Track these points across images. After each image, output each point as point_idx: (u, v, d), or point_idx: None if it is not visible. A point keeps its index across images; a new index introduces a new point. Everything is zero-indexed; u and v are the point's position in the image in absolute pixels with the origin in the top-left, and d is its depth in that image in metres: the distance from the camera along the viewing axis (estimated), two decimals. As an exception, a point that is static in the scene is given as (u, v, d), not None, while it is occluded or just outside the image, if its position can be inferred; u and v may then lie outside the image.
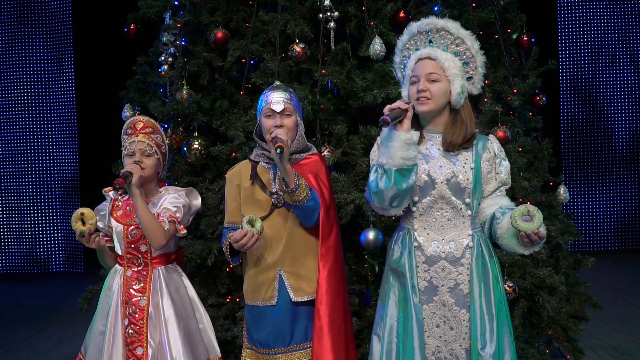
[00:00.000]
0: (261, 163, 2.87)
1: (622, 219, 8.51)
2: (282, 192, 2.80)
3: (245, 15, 3.75)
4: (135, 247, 2.84)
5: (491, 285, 2.49)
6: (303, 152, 2.88)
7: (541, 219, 2.33)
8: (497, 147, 2.57)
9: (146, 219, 2.72)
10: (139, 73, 4.07)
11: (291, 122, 2.80)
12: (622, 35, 8.42)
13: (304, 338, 2.79)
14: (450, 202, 2.50)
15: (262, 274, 2.82)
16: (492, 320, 2.45)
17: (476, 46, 2.54)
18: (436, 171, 2.51)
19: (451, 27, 2.52)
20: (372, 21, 3.57)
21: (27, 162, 8.29)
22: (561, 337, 3.60)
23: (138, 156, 2.81)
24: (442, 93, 2.50)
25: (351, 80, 3.44)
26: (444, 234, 2.52)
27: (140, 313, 2.79)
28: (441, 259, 2.51)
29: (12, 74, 8.28)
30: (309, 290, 2.78)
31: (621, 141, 8.49)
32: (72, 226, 2.75)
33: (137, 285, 2.83)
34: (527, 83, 3.88)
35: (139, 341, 2.77)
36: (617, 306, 5.74)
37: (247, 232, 2.66)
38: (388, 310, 2.57)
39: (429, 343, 2.51)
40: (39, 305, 6.56)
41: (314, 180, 2.79)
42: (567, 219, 3.98)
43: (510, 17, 3.99)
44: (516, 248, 2.46)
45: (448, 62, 2.49)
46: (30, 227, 8.29)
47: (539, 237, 2.35)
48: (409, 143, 2.41)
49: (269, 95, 2.84)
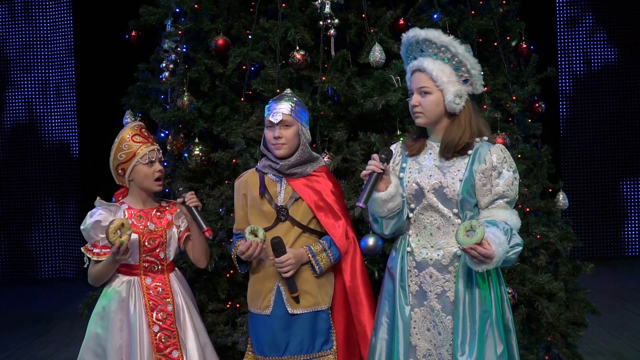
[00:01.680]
0: (269, 174, 2.89)
1: (621, 226, 8.52)
2: (286, 206, 2.83)
3: (246, 22, 3.77)
4: (154, 255, 2.86)
5: (477, 295, 2.46)
6: (309, 163, 2.89)
7: (480, 235, 2.26)
8: (497, 158, 2.50)
9: (201, 243, 2.89)
10: (140, 80, 4.08)
11: (290, 133, 2.81)
12: (620, 42, 8.45)
13: (298, 350, 2.80)
14: (439, 210, 2.52)
15: (261, 283, 2.86)
16: (474, 330, 2.43)
17: (461, 50, 2.49)
18: (424, 180, 2.54)
19: (432, 37, 2.50)
20: (372, 28, 3.59)
21: (27, 168, 8.30)
22: (560, 343, 3.60)
23: (158, 164, 2.84)
24: (434, 105, 2.52)
25: (351, 87, 3.46)
26: (433, 241, 2.55)
27: (169, 318, 2.83)
28: (429, 266, 2.54)
29: (14, 80, 8.30)
30: (306, 303, 2.81)
31: (620, 148, 8.50)
32: (110, 238, 2.61)
33: (161, 292, 2.84)
34: (526, 90, 3.89)
35: (173, 345, 2.81)
36: (616, 313, 5.75)
37: (251, 243, 2.71)
38: (383, 308, 2.63)
39: (420, 345, 2.55)
40: (38, 311, 6.56)
41: (332, 202, 2.85)
42: (566, 225, 3.99)
43: (510, 24, 4.00)
44: (468, 263, 2.39)
45: (436, 71, 2.49)
46: (30, 233, 8.29)
47: (479, 253, 2.27)
48: (389, 199, 2.49)
49: (270, 106, 2.87)
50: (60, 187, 8.31)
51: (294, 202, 2.84)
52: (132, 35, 4.14)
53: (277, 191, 2.86)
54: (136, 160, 2.81)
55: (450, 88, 2.49)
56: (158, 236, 2.86)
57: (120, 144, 2.83)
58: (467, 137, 2.51)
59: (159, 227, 2.87)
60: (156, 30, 4.07)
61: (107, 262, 2.75)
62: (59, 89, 8.28)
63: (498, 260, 2.32)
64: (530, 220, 3.65)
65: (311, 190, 2.84)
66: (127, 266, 2.84)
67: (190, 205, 2.84)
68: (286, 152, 2.84)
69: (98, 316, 2.83)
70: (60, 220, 8.32)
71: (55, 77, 8.28)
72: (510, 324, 2.58)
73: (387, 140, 3.42)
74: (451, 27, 3.62)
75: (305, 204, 2.83)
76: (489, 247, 2.29)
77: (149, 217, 2.85)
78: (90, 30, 7.84)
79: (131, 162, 2.81)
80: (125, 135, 2.85)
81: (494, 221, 2.44)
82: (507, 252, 2.37)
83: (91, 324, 2.84)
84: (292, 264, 2.74)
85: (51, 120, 8.30)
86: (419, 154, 2.62)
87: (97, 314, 2.84)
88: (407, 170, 2.61)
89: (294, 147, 2.83)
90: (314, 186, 2.85)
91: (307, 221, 2.85)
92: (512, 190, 2.51)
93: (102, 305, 2.83)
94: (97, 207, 2.83)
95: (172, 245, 2.91)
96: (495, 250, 2.30)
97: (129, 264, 2.84)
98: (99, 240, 2.78)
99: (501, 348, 2.45)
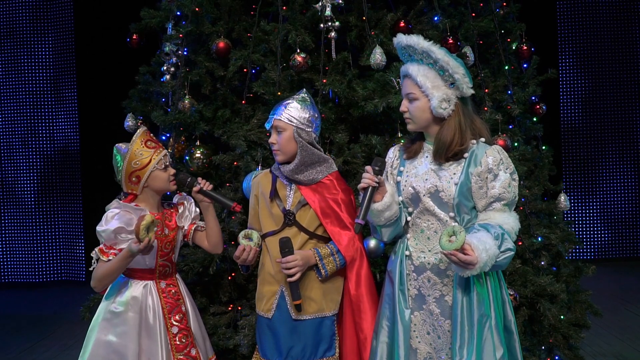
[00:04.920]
0: (280, 178, 2.89)
1: (623, 227, 8.51)
2: (293, 211, 2.83)
3: (246, 25, 3.77)
4: (168, 259, 2.87)
5: (475, 299, 2.45)
6: (315, 165, 2.86)
7: (460, 241, 2.24)
8: (493, 160, 2.47)
9: (218, 226, 2.95)
10: (141, 83, 4.09)
11: (283, 138, 2.80)
12: (621, 43, 8.45)
13: (301, 355, 2.80)
14: (435, 214, 2.52)
15: (267, 286, 2.87)
16: (472, 334, 2.42)
17: (440, 54, 2.46)
18: (420, 184, 2.54)
19: (413, 43, 2.50)
20: (373, 31, 3.59)
21: (29, 171, 8.31)
22: (562, 345, 3.60)
23: (170, 167, 2.86)
24: (420, 111, 2.52)
25: (352, 90, 3.46)
26: (431, 245, 2.55)
27: (184, 318, 2.87)
28: (427, 270, 2.54)
29: (15, 84, 8.32)
30: (310, 310, 2.80)
31: (621, 149, 8.50)
32: (140, 235, 2.57)
33: (174, 294, 2.88)
34: (527, 92, 3.90)
35: (191, 343, 2.85)
36: (618, 314, 5.74)
37: (244, 247, 2.74)
38: (383, 311, 2.63)
39: (421, 349, 2.55)
40: (40, 314, 6.57)
41: (339, 210, 2.84)
42: (568, 227, 3.99)
43: (510, 26, 4.01)
44: (452, 267, 2.39)
45: (421, 77, 2.48)
46: (32, 236, 8.30)
47: (459, 259, 2.26)
48: (385, 209, 2.51)
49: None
50: (61, 191, 8.32)
51: (302, 207, 2.83)
52: (133, 39, 4.15)
53: (286, 195, 2.86)
54: (152, 167, 2.77)
55: (435, 93, 2.47)
56: (171, 240, 2.87)
57: (134, 151, 2.77)
58: (457, 141, 2.49)
59: (171, 231, 2.88)
60: (157, 33, 4.08)
61: (120, 259, 2.66)
62: (60, 92, 8.29)
63: (482, 266, 2.30)
64: (532, 222, 3.65)
65: (319, 196, 2.83)
66: (144, 271, 2.82)
67: (207, 190, 2.87)
68: (282, 159, 2.83)
69: (109, 323, 2.76)
70: (62, 223, 8.32)
71: (57, 80, 8.29)
72: (513, 327, 2.57)
73: (388, 142, 3.42)
74: (452, 29, 3.63)
75: (313, 211, 2.82)
76: (471, 253, 2.27)
77: (163, 222, 2.86)
78: (91, 34, 7.86)
79: (147, 169, 2.77)
80: (138, 142, 2.80)
81: (486, 225, 2.42)
82: (496, 256, 2.34)
83: (99, 331, 2.76)
84: (298, 265, 2.71)
85: (52, 123, 8.31)
86: (416, 157, 2.62)
87: (108, 320, 2.77)
88: (404, 174, 2.61)
89: (289, 152, 2.81)
90: (323, 192, 2.84)
91: (314, 227, 2.84)
92: (509, 192, 2.48)
93: (114, 312, 2.77)
94: (115, 208, 2.76)
95: (178, 247, 2.94)
96: (478, 256, 2.27)
97: (144, 268, 2.82)
98: (118, 243, 2.71)
99: (500, 352, 2.43)
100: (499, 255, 2.36)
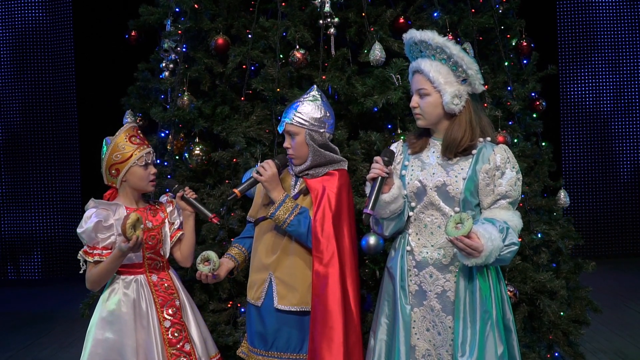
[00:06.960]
0: (289, 168, 2.93)
1: (623, 224, 8.51)
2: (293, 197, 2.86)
3: (245, 21, 3.76)
4: (156, 252, 2.88)
5: (478, 295, 2.45)
6: (323, 166, 2.87)
7: (468, 227, 2.27)
8: (501, 158, 2.50)
9: (194, 238, 2.97)
10: (140, 79, 4.08)
11: (297, 143, 2.82)
12: (622, 39, 8.45)
13: (285, 348, 2.81)
14: (440, 208, 2.51)
15: (257, 274, 2.89)
16: (475, 330, 2.42)
17: (455, 50, 2.47)
18: (427, 178, 2.53)
19: (427, 38, 2.49)
20: (372, 27, 3.58)
21: (28, 169, 8.30)
22: (562, 341, 3.60)
23: (152, 167, 2.86)
24: (432, 107, 2.51)
25: (351, 86, 3.45)
26: (434, 240, 2.54)
27: (178, 312, 2.87)
28: (429, 265, 2.53)
29: (14, 81, 8.30)
30: (293, 300, 2.80)
31: (621, 145, 8.50)
32: (127, 233, 2.61)
33: (168, 287, 2.88)
34: (527, 88, 3.89)
35: (185, 338, 2.85)
36: (617, 311, 5.75)
37: (201, 273, 2.80)
38: (382, 308, 2.62)
39: (419, 345, 2.54)
40: (39, 312, 6.56)
41: (321, 197, 2.79)
42: (568, 223, 3.98)
43: (510, 22, 4.00)
44: (458, 256, 2.40)
45: (433, 73, 2.48)
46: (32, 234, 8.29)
47: (465, 245, 2.28)
48: (392, 200, 2.49)
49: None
50: (60, 187, 8.31)
51: (302, 195, 2.86)
52: (131, 35, 4.14)
53: (290, 184, 2.91)
54: (132, 162, 2.81)
55: (447, 89, 2.47)
56: (156, 234, 2.89)
57: (116, 144, 2.82)
58: (468, 137, 2.50)
59: (155, 225, 2.90)
60: (156, 30, 4.07)
61: (112, 259, 2.70)
62: (59, 89, 8.28)
63: (488, 255, 2.31)
64: (532, 219, 3.65)
65: (320, 185, 2.84)
66: (130, 265, 2.84)
67: (190, 198, 2.93)
68: (298, 162, 2.88)
69: (105, 321, 2.78)
70: (61, 221, 8.32)
71: (55, 77, 8.28)
72: (511, 324, 2.57)
73: (388, 139, 3.41)
74: (451, 25, 3.62)
75: (310, 198, 2.83)
76: (477, 240, 2.29)
77: (145, 216, 2.86)
78: (90, 30, 7.85)
79: (127, 164, 2.81)
80: (123, 136, 2.84)
81: (492, 219, 2.44)
82: (500, 249, 2.36)
83: (96, 330, 2.78)
84: (268, 174, 2.78)
85: (51, 120, 8.30)
86: (422, 152, 2.61)
87: (103, 318, 2.78)
88: (409, 168, 2.61)
89: (304, 156, 2.84)
90: (323, 182, 2.85)
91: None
92: (514, 190, 2.51)
93: (109, 310, 2.78)
94: (92, 207, 2.80)
95: (166, 242, 2.94)
96: (484, 244, 2.29)
97: (132, 263, 2.83)
98: (100, 241, 2.75)
99: (501, 349, 2.44)
100: (503, 248, 2.38)
